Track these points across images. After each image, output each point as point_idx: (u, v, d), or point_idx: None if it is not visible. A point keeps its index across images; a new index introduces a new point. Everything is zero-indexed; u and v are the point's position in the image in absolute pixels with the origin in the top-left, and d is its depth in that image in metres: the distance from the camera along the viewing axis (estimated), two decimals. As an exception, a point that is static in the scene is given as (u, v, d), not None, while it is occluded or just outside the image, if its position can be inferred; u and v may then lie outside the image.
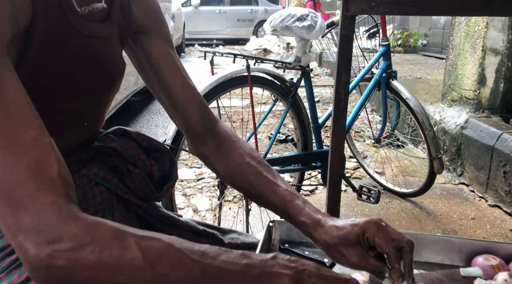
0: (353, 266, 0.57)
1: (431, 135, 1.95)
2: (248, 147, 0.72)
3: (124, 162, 0.66)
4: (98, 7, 0.58)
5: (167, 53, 0.71)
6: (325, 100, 4.66)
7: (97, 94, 0.64)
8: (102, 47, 0.61)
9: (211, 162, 0.72)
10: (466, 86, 2.59)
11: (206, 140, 0.72)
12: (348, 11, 0.95)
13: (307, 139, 1.78)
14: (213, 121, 0.73)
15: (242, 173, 0.68)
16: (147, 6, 0.70)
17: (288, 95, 1.66)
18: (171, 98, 0.70)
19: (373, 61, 2.03)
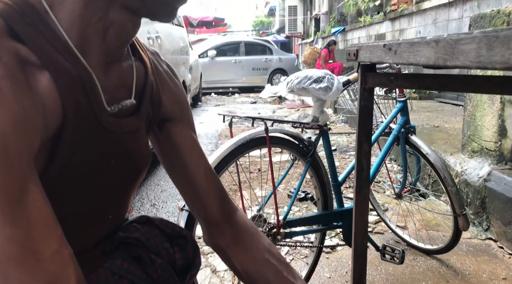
0: None
1: (454, 191, 1.91)
2: (267, 241, 0.71)
3: (147, 251, 0.65)
4: (128, 103, 0.59)
5: (192, 140, 0.72)
6: (342, 148, 4.65)
7: (123, 187, 0.65)
8: (130, 141, 0.62)
9: (228, 255, 0.71)
10: (486, 138, 2.55)
11: (224, 230, 0.71)
12: (367, 83, 0.96)
13: (327, 198, 1.76)
14: (232, 210, 0.73)
15: (260, 271, 0.67)
16: (175, 96, 0.72)
17: (307, 155, 1.66)
18: (192, 185, 0.71)
19: (391, 117, 2.03)
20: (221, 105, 9.03)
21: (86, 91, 0.53)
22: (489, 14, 2.47)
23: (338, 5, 11.86)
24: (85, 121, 0.54)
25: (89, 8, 0.53)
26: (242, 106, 8.79)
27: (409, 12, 6.50)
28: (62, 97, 0.50)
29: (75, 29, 0.52)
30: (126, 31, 0.57)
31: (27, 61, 0.47)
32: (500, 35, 0.42)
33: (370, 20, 8.61)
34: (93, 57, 0.55)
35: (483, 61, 0.45)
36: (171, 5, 0.56)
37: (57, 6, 0.52)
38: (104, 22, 0.54)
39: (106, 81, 0.57)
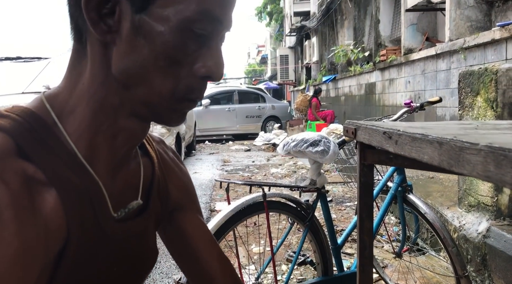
0: None
1: (454, 252, 1.87)
2: None
3: None
4: (134, 205, 0.58)
5: (202, 226, 0.71)
6: (338, 199, 4.61)
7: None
8: (135, 244, 0.60)
9: None
10: (482, 192, 2.55)
11: None
12: (366, 160, 0.96)
13: (327, 262, 1.72)
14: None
15: None
16: (182, 183, 0.71)
17: (305, 218, 1.64)
18: (206, 271, 0.69)
19: (388, 176, 2.03)
20: (215, 153, 9.04)
21: (92, 204, 0.52)
22: (477, 72, 2.55)
23: (328, 56, 12.23)
24: (90, 234, 0.52)
25: (98, 117, 0.53)
26: (236, 154, 8.80)
27: (398, 63, 6.70)
28: (67, 216, 0.49)
29: (84, 139, 0.52)
30: (135, 136, 0.57)
31: (34, 180, 0.46)
32: (509, 156, 0.41)
33: (360, 69, 8.85)
34: (101, 164, 0.54)
35: (492, 177, 0.44)
36: (180, 111, 0.55)
37: (65, 116, 0.52)
38: (113, 129, 0.54)
39: (113, 186, 0.56)
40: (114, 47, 0.51)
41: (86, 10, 0.49)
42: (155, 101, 0.52)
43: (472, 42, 4.35)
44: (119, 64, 0.51)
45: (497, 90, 2.37)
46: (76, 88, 0.53)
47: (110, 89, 0.52)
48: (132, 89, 0.52)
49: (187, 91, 0.53)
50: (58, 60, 2.45)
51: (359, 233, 0.98)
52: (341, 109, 10.52)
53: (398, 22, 7.65)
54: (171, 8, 0.49)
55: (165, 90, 0.52)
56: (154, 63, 0.50)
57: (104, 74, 0.52)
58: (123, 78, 0.51)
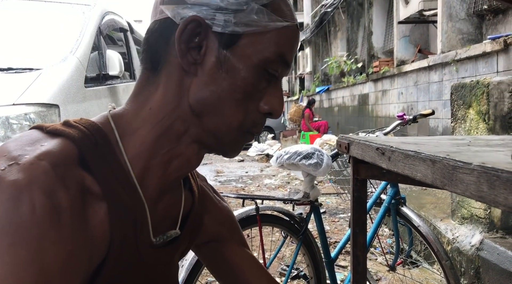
0: None
1: (448, 265, 1.87)
2: None
3: None
4: (173, 234, 0.59)
5: (247, 256, 0.73)
6: (331, 211, 4.60)
7: None
8: (161, 272, 0.61)
9: None
10: (475, 205, 2.55)
11: None
12: (359, 175, 0.96)
13: (320, 276, 1.70)
14: None
15: None
16: (221, 217, 0.72)
17: (299, 232, 1.62)
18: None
19: (381, 189, 2.02)
20: (209, 163, 9.01)
21: (135, 224, 0.53)
22: (469, 84, 2.57)
23: (321, 67, 12.31)
24: (127, 255, 0.53)
25: (161, 141, 0.55)
26: (230, 164, 8.78)
27: (390, 74, 6.76)
28: (112, 232, 0.50)
29: (141, 161, 0.54)
30: (189, 165, 0.58)
31: (90, 191, 0.48)
32: (502, 177, 0.41)
33: (353, 80, 8.92)
34: (150, 187, 0.55)
35: (485, 197, 0.44)
36: (241, 143, 0.59)
37: (127, 136, 0.54)
38: (171, 154, 0.56)
39: (156, 212, 0.57)
40: (194, 78, 0.54)
41: (178, 41, 0.53)
42: (223, 131, 0.56)
43: (464, 55, 4.40)
44: (198, 93, 0.54)
45: (489, 103, 2.39)
46: (141, 111, 0.55)
47: (179, 117, 0.55)
48: (204, 118, 0.55)
49: (252, 125, 0.57)
50: (49, 71, 2.43)
51: (353, 248, 0.97)
52: (334, 120, 10.56)
53: (390, 34, 7.73)
54: (254, 48, 0.54)
55: (235, 122, 0.55)
56: (230, 96, 0.54)
57: (176, 102, 0.55)
58: (199, 107, 0.54)
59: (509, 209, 0.40)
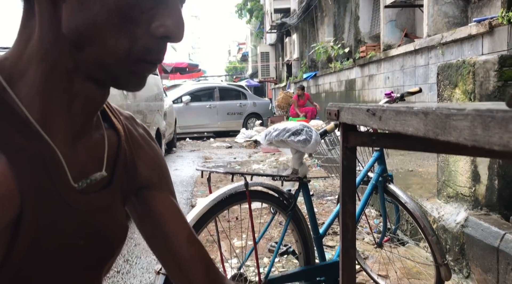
0: None
1: (434, 240, 1.90)
2: None
3: None
4: (98, 177, 0.55)
5: (173, 206, 0.68)
6: (319, 194, 4.64)
7: (97, 266, 0.60)
8: (102, 218, 0.58)
9: None
10: (461, 183, 2.59)
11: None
12: (349, 143, 0.95)
13: (309, 252, 1.71)
14: (219, 280, 0.68)
15: None
16: (152, 161, 0.67)
17: (287, 208, 1.63)
18: (175, 255, 0.66)
19: (368, 166, 2.04)
20: (196, 150, 8.97)
21: (49, 172, 0.49)
22: (455, 64, 2.59)
23: (309, 53, 12.28)
24: (49, 203, 0.49)
25: (51, 81, 0.50)
26: (218, 151, 8.76)
27: (377, 59, 6.78)
28: (20, 183, 0.46)
29: (37, 105, 0.49)
30: (93, 103, 0.54)
31: None
32: (496, 117, 0.41)
33: (340, 66, 8.92)
34: (57, 132, 0.51)
35: (479, 140, 0.44)
36: (139, 74, 0.52)
37: (15, 81, 0.49)
38: (69, 95, 0.51)
39: (74, 157, 0.53)
40: (63, 3, 0.48)
41: None
42: (110, 63, 0.49)
43: (450, 38, 4.43)
44: (70, 22, 0.48)
45: (475, 82, 2.41)
46: (26, 50, 0.50)
47: (62, 51, 0.49)
48: (85, 50, 0.49)
49: (145, 52, 0.50)
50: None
51: (342, 217, 0.97)
52: (322, 106, 10.59)
53: (377, 18, 7.73)
54: None
55: (120, 51, 0.49)
56: (106, 20, 0.47)
57: (54, 34, 0.49)
58: (75, 37, 0.48)
59: (503, 148, 0.40)
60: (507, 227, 2.16)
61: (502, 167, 2.35)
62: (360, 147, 2.23)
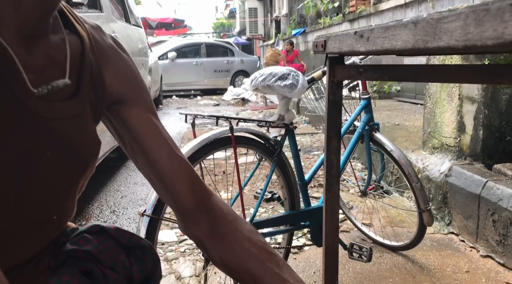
0: None
1: (418, 187, 1.92)
2: (247, 227, 0.65)
3: (100, 265, 0.58)
4: (60, 84, 0.51)
5: (150, 122, 0.64)
6: (306, 149, 4.66)
7: (68, 182, 0.57)
8: (70, 129, 0.55)
9: (205, 246, 0.64)
10: (446, 134, 2.61)
11: (199, 219, 0.64)
12: (335, 76, 0.92)
13: (294, 198, 1.72)
14: (206, 197, 0.66)
15: (240, 263, 0.61)
16: (123, 74, 0.63)
17: (273, 154, 1.62)
18: (157, 172, 0.63)
19: (355, 115, 2.02)
20: (183, 108, 8.88)
21: (2, 73, 0.46)
22: (446, 13, 2.53)
23: (297, 7, 11.97)
24: (6, 108, 0.46)
25: None
26: (205, 108, 8.69)
27: (367, 13, 6.64)
28: None
29: None
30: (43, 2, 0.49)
31: None
32: (492, 8, 0.38)
33: (329, 21, 8.74)
34: (7, 30, 0.47)
35: (471, 38, 0.41)
36: None
37: None
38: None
39: (30, 58, 0.49)
40: None
41: None
42: None
43: (441, -10, 4.33)
44: None
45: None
46: None
47: None
48: None
49: None
50: None
51: (326, 153, 0.96)
52: (310, 63, 10.46)
53: (368, -29, 7.50)
54: None
55: None
56: None
57: None
58: None
59: (497, 41, 0.37)
60: (489, 175, 2.19)
61: (487, 117, 2.36)
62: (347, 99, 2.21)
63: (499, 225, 1.98)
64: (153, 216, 1.26)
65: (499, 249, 1.99)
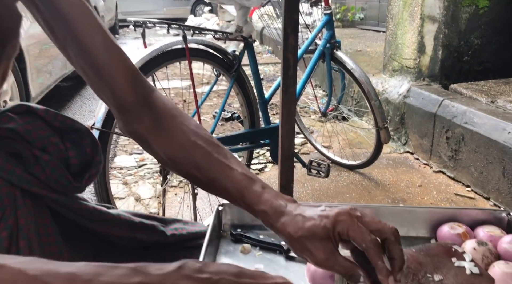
0: (319, 264, 0.48)
1: (377, 105, 1.93)
2: (193, 122, 0.60)
3: (29, 146, 0.52)
4: None
5: (82, 7, 0.56)
6: (269, 78, 4.60)
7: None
8: None
9: (149, 142, 0.59)
10: (406, 56, 2.61)
11: (141, 115, 0.59)
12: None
13: (254, 116, 1.69)
14: (148, 91, 0.60)
15: (187, 156, 0.57)
16: None
17: (231, 69, 1.55)
18: (92, 62, 0.56)
19: (316, 31, 1.96)
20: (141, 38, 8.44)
21: None
22: None
23: None
24: None
25: None
26: (164, 38, 8.27)
27: None
28: None
29: None
30: None
31: None
32: None
33: None
34: None
35: None
36: None
37: None
38: None
39: None
40: None
41: None
42: None
43: None
44: None
45: None
46: None
47: None
48: None
49: None
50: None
51: (284, 52, 0.91)
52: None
53: None
54: None
55: None
56: None
57: None
58: None
59: None
60: (446, 94, 2.23)
61: (447, 37, 2.35)
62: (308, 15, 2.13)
63: (452, 141, 2.05)
64: (103, 130, 1.20)
65: (451, 164, 2.08)
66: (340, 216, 0.47)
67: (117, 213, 0.61)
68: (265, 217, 0.51)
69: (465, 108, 1.99)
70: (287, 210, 0.50)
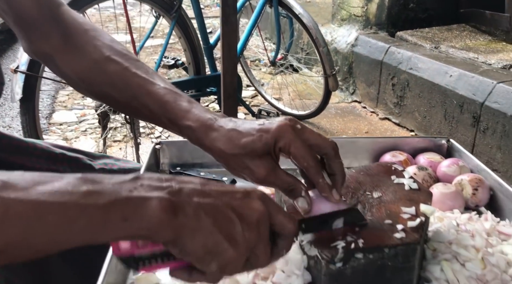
0: (259, 181, 0.45)
1: (325, 51, 1.91)
2: (107, 37, 0.53)
3: None
4: None
5: None
6: (216, 29, 4.45)
7: None
8: None
9: (57, 62, 0.52)
10: (354, 4, 2.58)
11: (47, 32, 0.51)
12: None
13: (199, 62, 1.62)
14: (54, 5, 0.52)
15: (100, 73, 0.50)
16: None
17: (171, 10, 1.45)
18: None
19: (263, -26, 1.87)
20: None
21: None
22: None
23: None
24: None
25: None
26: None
27: None
28: None
29: None
30: None
31: None
32: None
33: None
34: None
35: None
36: None
37: None
38: None
39: None
40: None
41: None
42: None
43: None
44: None
45: None
46: None
47: None
48: None
49: None
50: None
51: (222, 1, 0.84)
52: None
53: None
54: None
55: None
56: None
57: None
58: None
59: None
60: (392, 41, 2.25)
61: (394, -16, 2.34)
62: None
63: (398, 88, 2.08)
64: (29, 73, 1.09)
65: (396, 111, 2.12)
66: (282, 131, 0.43)
67: (32, 141, 0.54)
68: (192, 133, 0.46)
69: (410, 54, 2.01)
70: (217, 125, 0.46)
